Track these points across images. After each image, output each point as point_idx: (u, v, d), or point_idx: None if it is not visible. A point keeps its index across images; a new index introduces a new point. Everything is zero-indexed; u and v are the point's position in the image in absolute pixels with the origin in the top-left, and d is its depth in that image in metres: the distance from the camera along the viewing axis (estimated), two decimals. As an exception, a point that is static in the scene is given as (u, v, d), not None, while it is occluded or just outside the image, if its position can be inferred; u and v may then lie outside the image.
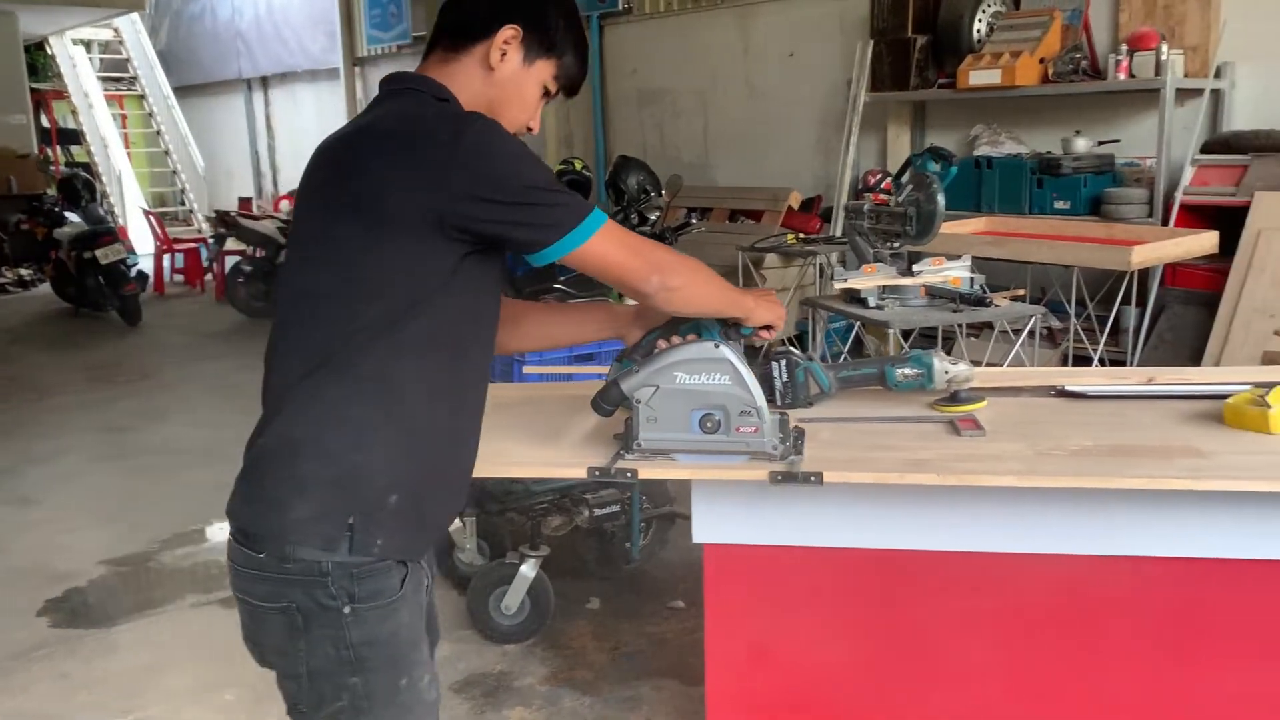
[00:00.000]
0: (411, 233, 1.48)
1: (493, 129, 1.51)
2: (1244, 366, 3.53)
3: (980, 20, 5.92)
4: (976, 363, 4.10)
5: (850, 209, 4.04)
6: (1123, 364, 5.07)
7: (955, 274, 4.02)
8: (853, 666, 2.02)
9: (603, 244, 1.55)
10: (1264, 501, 1.77)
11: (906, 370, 2.05)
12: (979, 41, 5.91)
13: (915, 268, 3.96)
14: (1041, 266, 5.04)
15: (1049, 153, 5.70)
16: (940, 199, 3.88)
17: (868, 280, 3.87)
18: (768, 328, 1.83)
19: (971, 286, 4.02)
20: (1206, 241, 4.71)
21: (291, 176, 12.79)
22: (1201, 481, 1.67)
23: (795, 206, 6.75)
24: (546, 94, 1.70)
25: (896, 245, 3.92)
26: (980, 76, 5.67)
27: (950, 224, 5.40)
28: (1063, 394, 2.19)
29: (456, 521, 3.20)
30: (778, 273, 6.31)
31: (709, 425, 1.75)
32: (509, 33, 1.61)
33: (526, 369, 3.00)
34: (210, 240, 10.15)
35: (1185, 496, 1.76)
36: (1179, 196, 5.19)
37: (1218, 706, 1.94)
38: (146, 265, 10.15)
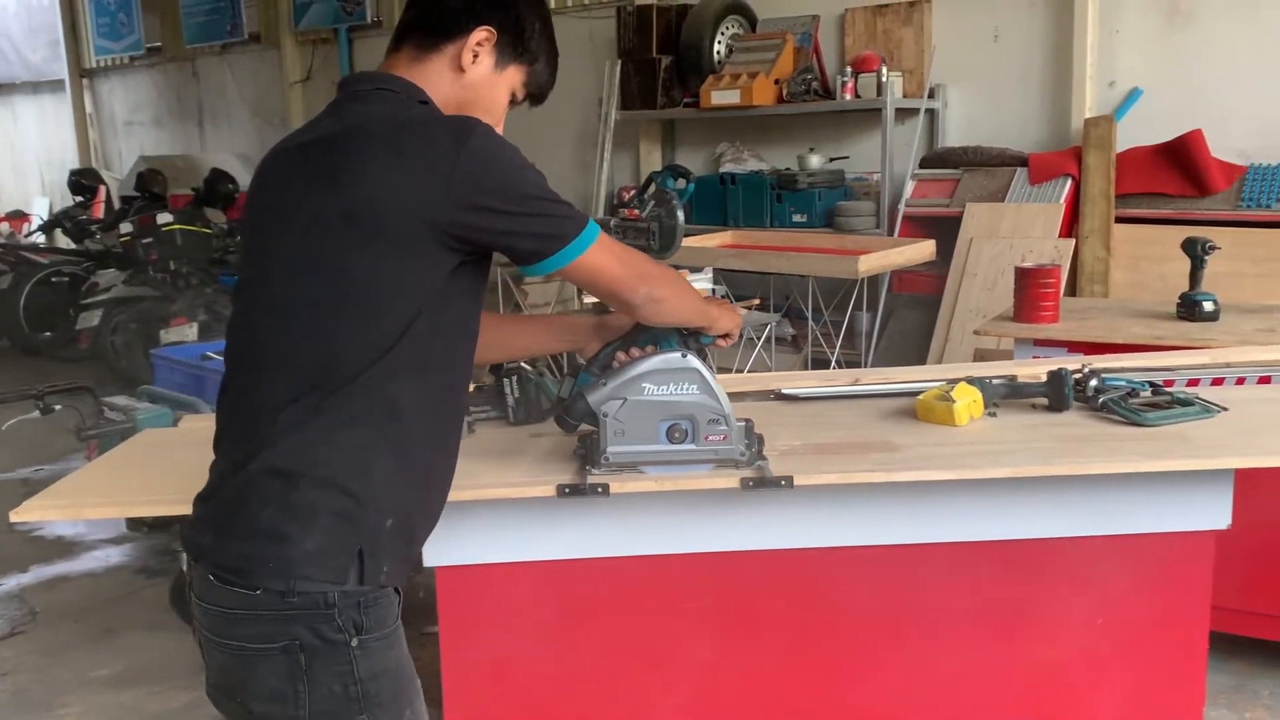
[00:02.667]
0: (410, 243, 1.41)
1: (493, 135, 1.47)
2: (955, 363, 3.81)
3: (720, 42, 6.16)
4: (725, 369, 4.28)
5: (600, 224, 4.11)
6: (858, 365, 5.38)
7: (699, 285, 4.16)
8: (589, 678, 2.06)
9: (599, 255, 1.53)
10: (951, 489, 1.93)
11: None
12: (719, 62, 6.15)
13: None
14: (782, 276, 5.30)
15: (787, 169, 5.99)
16: (680, 214, 3.99)
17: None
18: (725, 335, 1.84)
19: (714, 296, 4.17)
20: (925, 250, 5.07)
21: (13, 195, 11.74)
22: (892, 473, 1.80)
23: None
24: (513, 100, 1.65)
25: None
26: (721, 96, 5.90)
27: (698, 237, 5.60)
28: (780, 397, 2.31)
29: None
30: (539, 288, 6.33)
31: (677, 435, 1.75)
32: (482, 34, 1.56)
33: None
34: None
35: (882, 488, 1.89)
36: (901, 208, 5.58)
37: (936, 682, 2.09)
38: None
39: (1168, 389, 2.21)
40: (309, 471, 1.41)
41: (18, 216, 9.35)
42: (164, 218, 5.28)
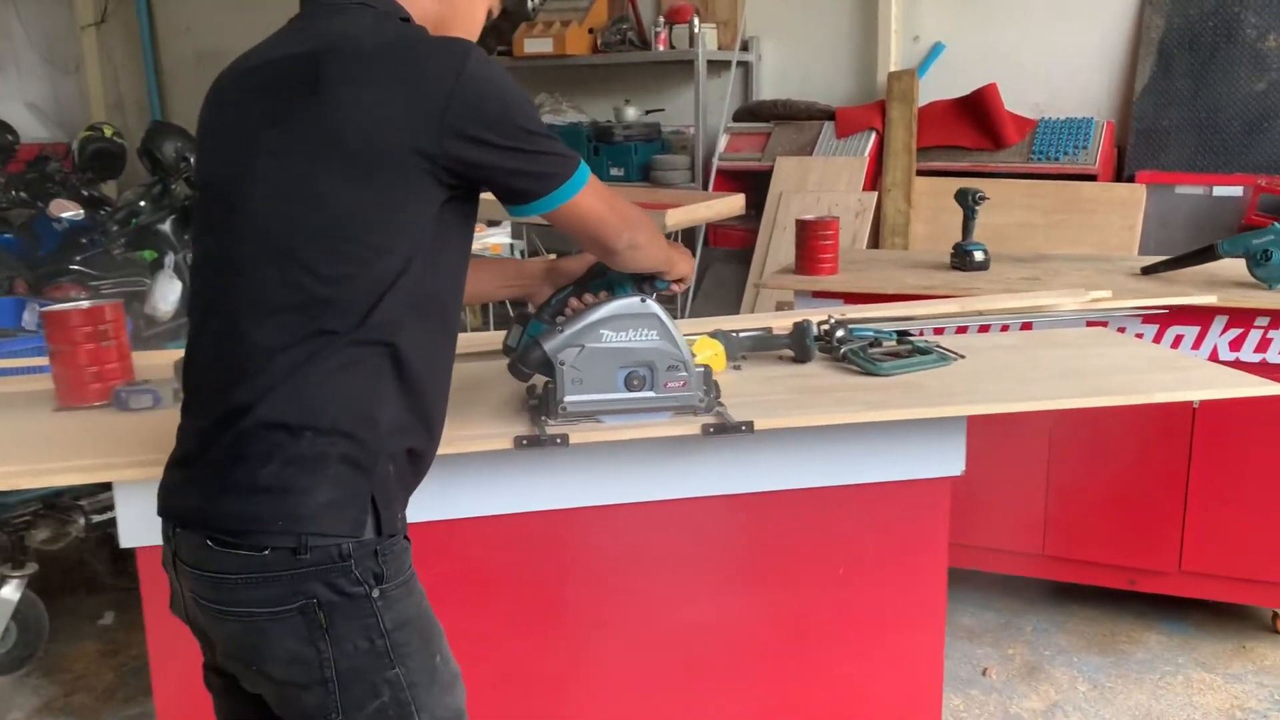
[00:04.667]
0: (400, 173, 1.31)
1: (490, 61, 1.36)
2: (728, 316, 3.82)
3: (534, -11, 5.99)
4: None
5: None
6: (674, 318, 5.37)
7: (495, 240, 4.06)
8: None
9: (590, 198, 1.45)
10: (686, 443, 1.89)
11: None
12: (532, 10, 5.98)
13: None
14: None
15: (606, 122, 5.90)
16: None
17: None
18: (679, 280, 1.77)
19: (512, 253, 4.08)
20: (734, 204, 5.05)
21: None
22: (616, 433, 1.76)
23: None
24: (488, 17, 1.55)
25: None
26: (533, 45, 5.76)
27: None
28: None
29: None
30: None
31: (635, 383, 1.71)
32: None
33: None
34: None
35: (616, 444, 1.85)
36: (715, 162, 5.57)
37: (678, 635, 2.08)
38: None
39: (915, 338, 2.22)
40: (313, 421, 1.31)
41: None
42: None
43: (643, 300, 1.71)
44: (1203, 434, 2.93)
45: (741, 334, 2.16)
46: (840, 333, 2.19)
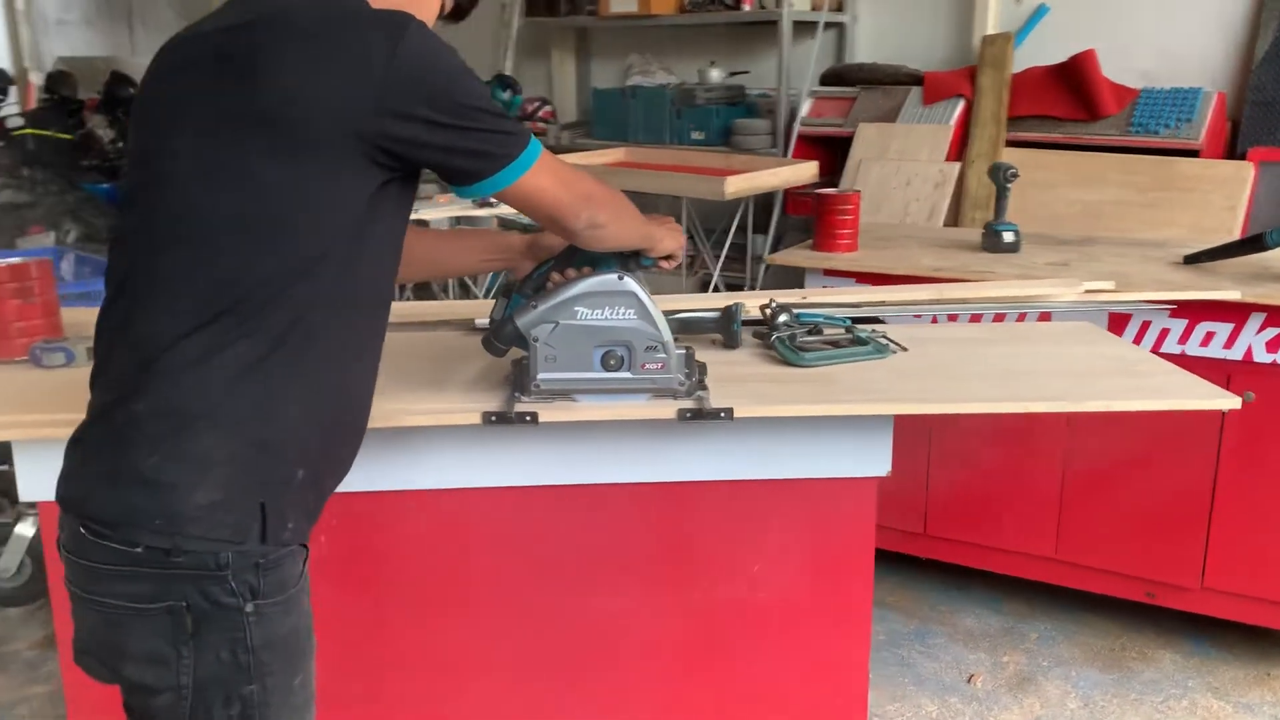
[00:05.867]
0: (333, 155, 1.25)
1: (431, 35, 1.30)
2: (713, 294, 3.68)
3: (626, -53, 5.91)
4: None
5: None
6: (741, 288, 5.27)
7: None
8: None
9: (541, 177, 1.39)
10: (597, 428, 1.84)
11: None
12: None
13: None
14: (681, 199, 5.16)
15: (689, 84, 5.79)
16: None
17: (438, 210, 3.84)
18: (668, 257, 1.72)
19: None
20: (805, 171, 4.91)
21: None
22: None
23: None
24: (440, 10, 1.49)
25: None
26: (620, 4, 5.70)
27: (582, 154, 5.46)
28: (473, 330, 2.21)
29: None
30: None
31: (612, 362, 1.67)
32: None
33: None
34: None
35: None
36: (797, 127, 5.40)
37: (596, 627, 2.03)
38: None
39: (859, 329, 2.10)
40: (206, 414, 1.24)
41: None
42: (14, 121, 5.15)
43: (620, 278, 1.65)
44: (1232, 442, 2.68)
45: (668, 317, 2.07)
46: (783, 318, 2.08)
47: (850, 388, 1.82)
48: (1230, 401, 1.76)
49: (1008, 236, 3.04)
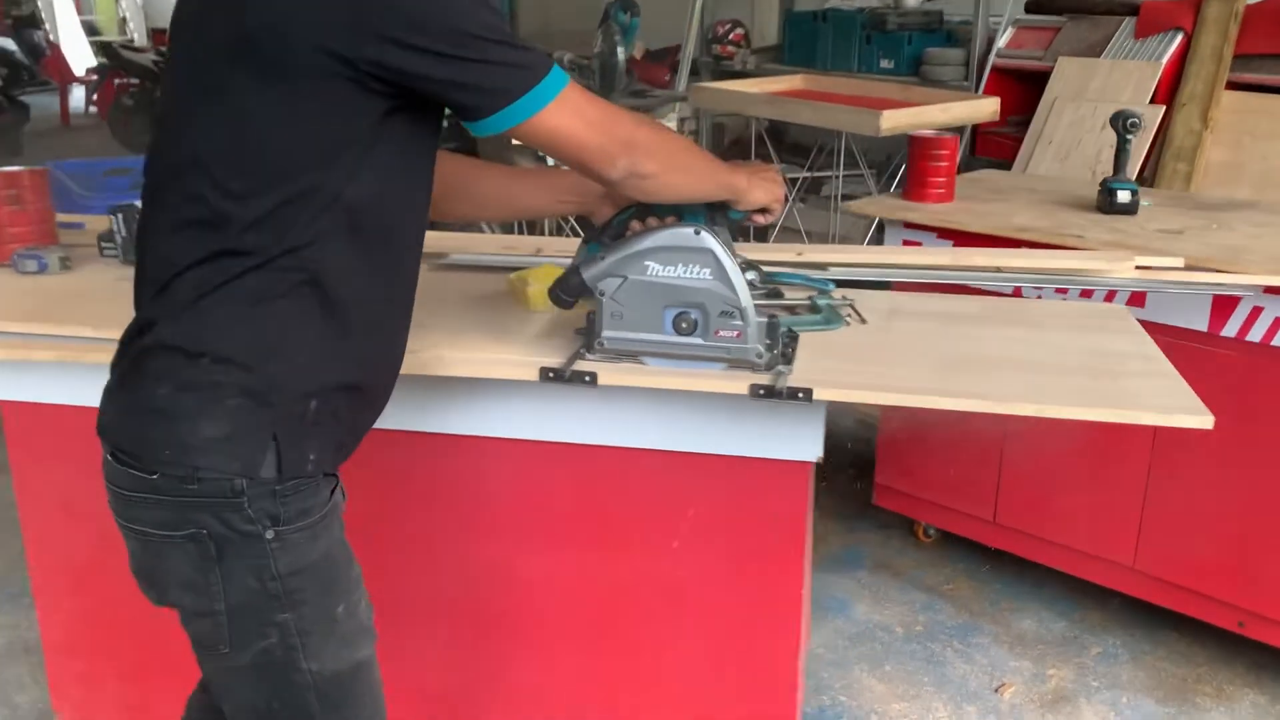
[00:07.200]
0: (317, 79, 1.19)
1: None
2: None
3: None
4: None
5: (556, 59, 3.94)
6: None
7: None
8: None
9: (560, 116, 1.27)
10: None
11: None
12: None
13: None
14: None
15: (884, 7, 5.40)
16: (620, 51, 3.77)
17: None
18: (763, 210, 1.58)
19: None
20: (983, 108, 4.46)
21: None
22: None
23: (638, 56, 6.50)
24: None
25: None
26: (818, -77, 5.36)
27: (748, 81, 5.23)
28: (443, 266, 2.17)
29: None
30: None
31: (684, 326, 1.55)
32: None
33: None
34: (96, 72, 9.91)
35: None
36: (992, 59, 4.92)
37: (509, 588, 1.97)
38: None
39: (820, 296, 1.88)
40: (212, 347, 1.23)
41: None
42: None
43: (697, 232, 1.50)
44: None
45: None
46: (749, 276, 1.89)
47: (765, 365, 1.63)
48: (1200, 420, 1.44)
49: (1123, 196, 2.63)
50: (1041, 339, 1.76)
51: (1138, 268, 2.09)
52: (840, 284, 1.99)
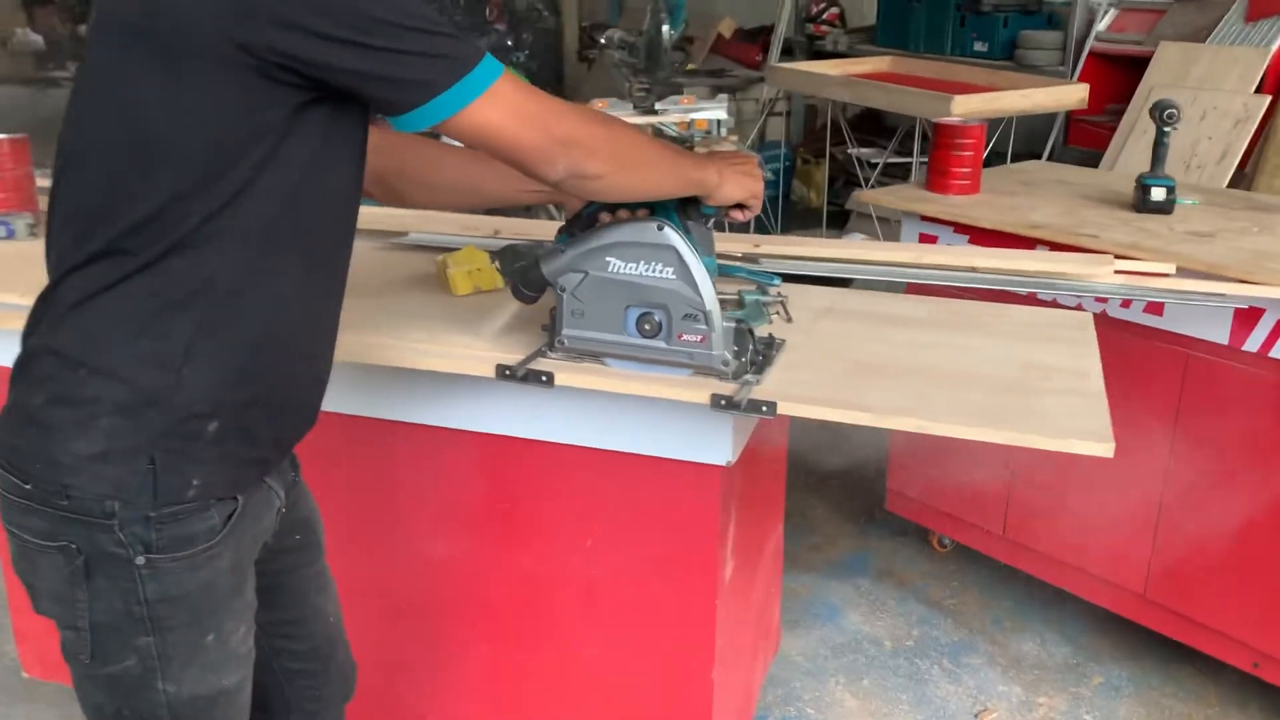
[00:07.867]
0: (214, 68, 1.08)
1: None
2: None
3: None
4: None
5: (607, 38, 3.90)
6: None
7: (703, 116, 3.84)
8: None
9: (489, 111, 1.14)
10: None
11: None
12: None
13: (661, 106, 3.80)
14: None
15: (982, -14, 5.15)
16: (666, 29, 3.70)
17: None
18: (740, 206, 1.45)
19: (718, 131, 3.84)
20: (1070, 95, 4.23)
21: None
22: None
23: (727, 35, 6.36)
24: None
25: (644, 81, 3.79)
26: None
27: (831, 63, 5.07)
28: (410, 244, 2.16)
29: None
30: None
31: (647, 328, 1.47)
32: None
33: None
34: None
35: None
36: (1089, 43, 4.64)
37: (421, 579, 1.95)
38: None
39: (750, 292, 1.78)
40: (92, 360, 1.14)
41: None
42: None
43: (660, 228, 1.41)
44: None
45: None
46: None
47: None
48: (1099, 448, 1.30)
49: (1157, 193, 2.42)
50: (979, 347, 1.63)
51: (1117, 272, 1.91)
52: (793, 280, 1.89)
